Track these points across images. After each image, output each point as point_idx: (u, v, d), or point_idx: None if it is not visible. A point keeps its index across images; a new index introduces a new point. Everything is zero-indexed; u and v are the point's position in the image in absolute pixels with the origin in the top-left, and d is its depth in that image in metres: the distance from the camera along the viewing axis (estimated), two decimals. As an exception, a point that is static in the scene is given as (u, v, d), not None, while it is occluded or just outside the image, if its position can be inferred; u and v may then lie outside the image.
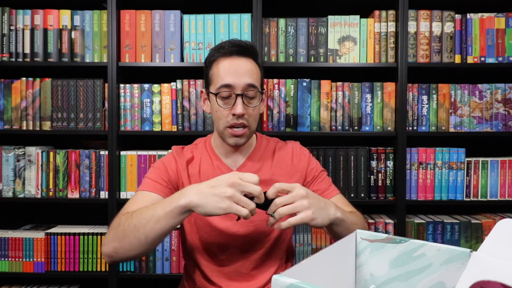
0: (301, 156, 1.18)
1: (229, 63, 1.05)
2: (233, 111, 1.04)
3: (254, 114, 1.08)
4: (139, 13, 1.79)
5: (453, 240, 1.77)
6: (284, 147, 1.20)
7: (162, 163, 1.10)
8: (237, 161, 1.14)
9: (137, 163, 1.79)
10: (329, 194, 1.14)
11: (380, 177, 1.79)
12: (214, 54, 1.08)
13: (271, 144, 1.20)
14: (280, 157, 1.17)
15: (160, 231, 0.86)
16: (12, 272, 1.79)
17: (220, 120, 1.07)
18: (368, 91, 1.80)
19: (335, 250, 0.66)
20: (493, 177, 1.79)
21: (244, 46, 1.07)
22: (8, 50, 1.80)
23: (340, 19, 1.79)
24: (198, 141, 1.21)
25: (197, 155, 1.15)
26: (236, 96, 1.04)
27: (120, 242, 0.90)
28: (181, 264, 1.79)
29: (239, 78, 1.04)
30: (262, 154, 1.16)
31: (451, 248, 0.62)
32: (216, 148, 1.15)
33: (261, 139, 1.21)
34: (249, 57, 1.07)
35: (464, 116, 1.79)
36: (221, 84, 1.04)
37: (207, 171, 1.11)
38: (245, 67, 1.05)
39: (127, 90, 1.80)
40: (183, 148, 1.18)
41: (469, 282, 0.53)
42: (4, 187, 1.81)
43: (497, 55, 1.78)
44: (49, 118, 1.81)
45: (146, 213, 0.88)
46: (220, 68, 1.05)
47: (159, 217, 0.85)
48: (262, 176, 1.09)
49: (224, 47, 1.06)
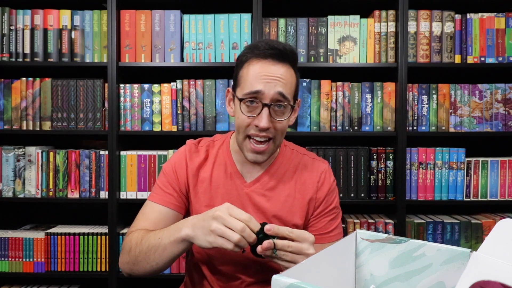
0: (324, 184, 1.05)
1: (262, 67, 0.93)
2: (257, 122, 0.93)
3: (281, 128, 0.96)
4: (139, 13, 1.79)
5: (453, 240, 1.77)
6: (311, 167, 1.06)
7: (172, 167, 1.04)
8: (252, 173, 1.04)
9: (137, 163, 1.79)
10: (329, 238, 1.03)
11: (380, 177, 1.79)
12: (247, 53, 0.97)
13: (295, 157, 1.08)
14: (303, 179, 1.05)
15: (168, 258, 0.88)
16: (12, 272, 1.79)
17: (241, 129, 0.96)
18: (368, 91, 1.80)
19: (335, 250, 0.66)
20: (493, 177, 1.79)
21: (282, 50, 0.95)
22: (8, 50, 1.80)
23: (340, 19, 1.79)
24: (217, 137, 1.11)
25: (211, 155, 1.06)
26: (263, 106, 0.92)
27: (134, 266, 0.93)
28: (181, 264, 1.79)
29: (270, 86, 0.92)
30: (282, 169, 1.05)
31: (451, 248, 0.62)
32: (234, 153, 1.05)
33: (285, 149, 1.08)
34: (286, 62, 0.95)
35: (464, 116, 1.79)
36: (249, 90, 0.93)
37: (218, 178, 1.04)
38: (279, 74, 0.93)
39: (127, 90, 1.80)
40: (199, 143, 1.09)
41: (469, 282, 0.53)
42: (4, 187, 1.81)
43: (497, 55, 1.78)
44: (49, 118, 1.81)
45: (154, 241, 0.89)
46: (251, 71, 0.94)
47: (165, 246, 0.87)
48: (276, 195, 1.02)
49: (259, 47, 0.95)
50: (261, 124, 0.92)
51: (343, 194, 1.78)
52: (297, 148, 1.11)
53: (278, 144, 0.99)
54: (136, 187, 1.78)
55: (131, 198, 1.78)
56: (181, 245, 0.86)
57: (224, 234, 0.76)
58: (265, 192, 1.03)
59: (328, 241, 1.03)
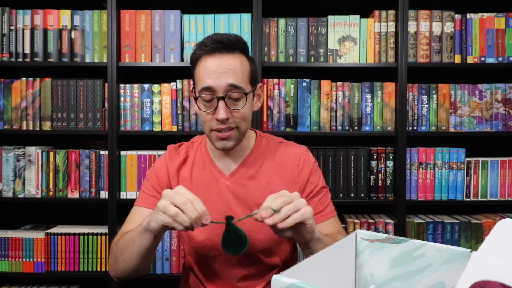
0: (305, 166, 1.06)
1: (211, 63, 0.95)
2: (216, 116, 0.95)
3: (242, 115, 0.98)
4: (139, 13, 1.79)
5: (453, 240, 1.77)
6: (287, 152, 1.08)
7: (153, 172, 1.07)
8: (230, 165, 1.06)
9: (137, 163, 1.79)
10: (322, 217, 1.03)
11: (380, 177, 1.79)
12: (197, 51, 0.99)
13: (272, 145, 1.09)
14: (281, 163, 1.06)
15: (137, 251, 0.90)
16: (12, 272, 1.79)
17: (205, 124, 0.99)
18: (368, 91, 1.80)
19: (335, 250, 0.66)
20: (493, 177, 1.79)
21: (226, 41, 0.96)
22: (8, 50, 1.80)
23: (340, 19, 1.79)
24: (196, 139, 1.14)
25: (191, 156, 1.09)
26: (218, 99, 0.95)
27: (115, 265, 0.97)
28: (181, 264, 1.79)
29: (220, 79, 0.94)
30: (259, 158, 1.06)
31: (451, 248, 0.62)
32: (211, 150, 1.08)
33: (261, 139, 1.10)
34: (234, 52, 0.97)
35: (464, 116, 1.79)
36: (201, 87, 0.96)
37: (198, 175, 1.06)
38: (227, 66, 0.95)
39: (127, 90, 1.80)
40: (180, 146, 1.12)
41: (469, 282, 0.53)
42: (4, 187, 1.81)
43: (497, 55, 1.78)
44: (49, 118, 1.81)
45: (128, 237, 0.92)
46: (201, 68, 0.97)
47: (134, 239, 0.89)
48: (256, 183, 1.03)
49: (206, 44, 0.97)
50: (219, 116, 0.94)
51: (343, 194, 1.78)
52: (274, 138, 1.12)
53: (244, 130, 1.01)
54: (136, 187, 1.78)
55: (131, 198, 1.78)
56: (145, 235, 0.86)
57: (165, 209, 0.78)
58: (245, 182, 1.04)
59: (322, 221, 1.03)
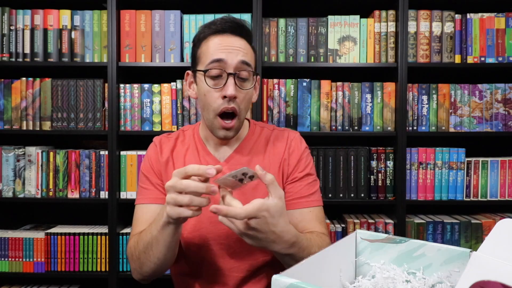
0: (295, 150, 1.06)
1: (221, 39, 0.95)
2: (224, 92, 0.93)
3: (246, 99, 0.98)
4: (139, 13, 1.79)
5: (453, 240, 1.77)
6: (280, 137, 1.08)
7: (148, 165, 1.05)
8: (224, 152, 1.05)
9: (137, 163, 1.79)
10: (306, 203, 1.01)
11: (380, 177, 1.79)
12: (204, 30, 0.98)
13: (265, 132, 1.10)
14: (274, 148, 1.06)
15: (164, 248, 0.87)
16: (12, 272, 1.79)
17: (210, 106, 0.96)
18: (368, 91, 1.80)
19: (335, 250, 0.66)
20: (493, 177, 1.79)
21: (239, 23, 0.97)
22: (8, 50, 1.80)
23: (340, 19, 1.79)
24: (186, 127, 1.12)
25: (184, 143, 1.07)
26: (228, 75, 0.93)
27: (141, 269, 0.93)
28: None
29: (232, 55, 0.93)
30: (253, 146, 1.06)
31: (451, 248, 0.62)
32: (204, 139, 1.07)
33: (254, 127, 1.10)
34: (243, 37, 0.98)
35: (464, 116, 1.79)
36: (212, 59, 0.93)
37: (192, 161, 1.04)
38: (238, 45, 0.95)
39: (127, 90, 1.80)
40: (168, 135, 1.10)
41: (469, 282, 0.53)
42: (4, 187, 1.81)
43: (497, 55, 1.78)
44: (49, 118, 1.81)
45: (147, 238, 0.89)
46: (210, 44, 0.95)
47: (157, 237, 0.86)
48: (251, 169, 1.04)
49: (216, 23, 0.97)
50: (228, 92, 0.93)
51: (343, 194, 1.78)
52: (267, 125, 1.13)
53: (242, 120, 1.01)
54: (136, 187, 1.78)
55: (131, 198, 1.78)
56: (168, 229, 0.84)
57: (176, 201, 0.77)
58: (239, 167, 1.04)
59: (306, 206, 1.01)
